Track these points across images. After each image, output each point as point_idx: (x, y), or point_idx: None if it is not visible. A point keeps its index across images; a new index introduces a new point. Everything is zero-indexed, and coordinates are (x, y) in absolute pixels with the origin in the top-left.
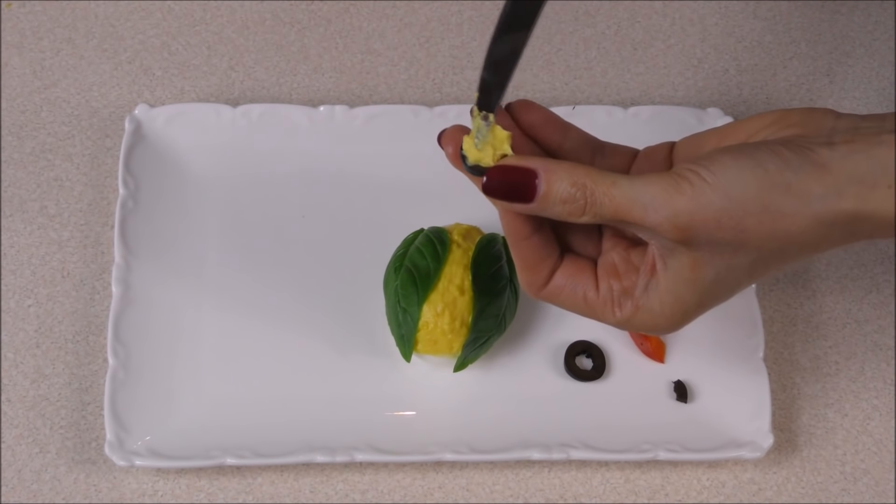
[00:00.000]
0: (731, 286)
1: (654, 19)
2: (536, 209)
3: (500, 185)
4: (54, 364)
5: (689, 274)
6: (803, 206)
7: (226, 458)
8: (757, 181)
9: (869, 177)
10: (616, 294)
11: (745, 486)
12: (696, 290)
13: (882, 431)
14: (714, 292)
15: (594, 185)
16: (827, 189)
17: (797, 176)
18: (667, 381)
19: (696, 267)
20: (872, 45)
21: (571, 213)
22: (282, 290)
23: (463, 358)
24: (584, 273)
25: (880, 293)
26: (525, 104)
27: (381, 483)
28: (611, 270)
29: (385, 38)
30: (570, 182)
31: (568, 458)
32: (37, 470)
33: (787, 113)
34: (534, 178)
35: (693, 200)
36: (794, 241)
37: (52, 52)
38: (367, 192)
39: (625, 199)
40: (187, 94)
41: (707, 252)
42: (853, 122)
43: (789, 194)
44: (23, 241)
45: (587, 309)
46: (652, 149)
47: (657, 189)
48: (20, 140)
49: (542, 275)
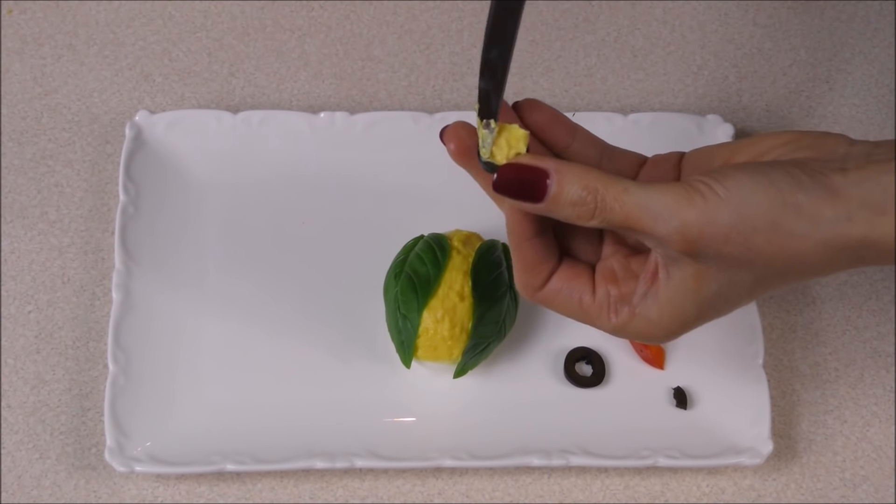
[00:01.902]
0: (732, 301)
1: (654, 26)
2: (545, 210)
3: (511, 183)
4: (54, 370)
5: (692, 285)
6: (813, 228)
7: (226, 464)
8: (769, 200)
9: (880, 203)
10: (613, 300)
11: (745, 493)
12: (697, 302)
13: (881, 438)
14: (715, 305)
15: (605, 190)
16: (838, 214)
17: (809, 198)
18: (666, 387)
19: (700, 279)
20: (872, 53)
21: (580, 216)
22: (282, 296)
23: (463, 364)
24: (581, 277)
25: (879, 300)
26: (532, 103)
27: (381, 489)
28: (609, 276)
29: (385, 45)
30: (581, 185)
31: (567, 464)
32: (37, 476)
33: (802, 135)
34: (545, 178)
35: (704, 214)
36: (800, 263)
37: (53, 59)
38: (367, 199)
39: (635, 206)
40: (188, 101)
41: (712, 266)
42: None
43: (800, 216)
44: (23, 247)
45: (582, 313)
46: (660, 157)
47: (669, 199)
48: (21, 146)
49: (540, 277)
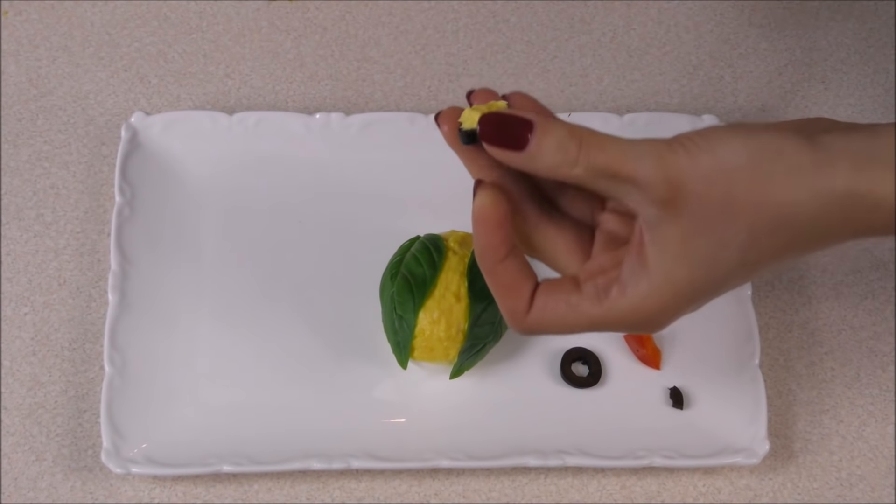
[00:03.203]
0: (724, 270)
1: (650, 26)
2: (528, 158)
3: (494, 131)
4: (51, 372)
5: (679, 247)
6: (795, 172)
7: (222, 466)
8: (750, 147)
9: (864, 153)
10: (601, 287)
11: (741, 493)
12: (688, 266)
13: (877, 437)
14: (708, 274)
15: (589, 136)
16: (820, 159)
17: (790, 145)
18: (662, 387)
19: (686, 239)
20: (867, 52)
21: (563, 162)
22: (278, 297)
23: (459, 365)
24: (564, 284)
25: (875, 299)
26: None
27: (378, 490)
28: (596, 271)
29: (381, 46)
30: (565, 130)
31: (564, 464)
32: (33, 477)
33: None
34: (529, 125)
35: (686, 158)
36: (788, 214)
37: (49, 60)
38: (363, 199)
39: (618, 151)
40: (183, 102)
41: (698, 222)
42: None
43: (781, 159)
44: (19, 249)
45: (570, 311)
46: None
47: (651, 147)
48: (16, 148)
49: (524, 298)
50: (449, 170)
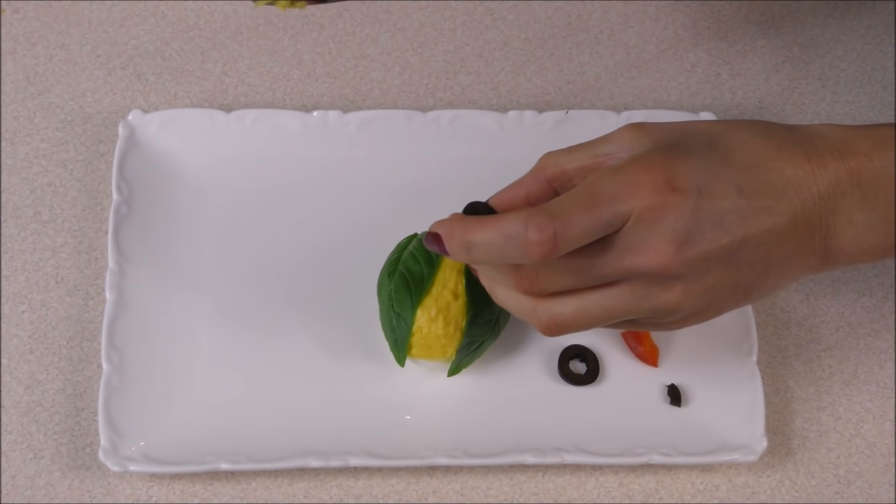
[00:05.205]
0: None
1: (647, 24)
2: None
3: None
4: (48, 370)
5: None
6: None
7: (220, 464)
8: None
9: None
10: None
11: (739, 490)
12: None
13: (875, 434)
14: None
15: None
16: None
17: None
18: (660, 385)
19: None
20: (865, 50)
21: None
22: (275, 294)
23: (457, 362)
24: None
25: (873, 296)
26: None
27: (376, 488)
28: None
29: (378, 43)
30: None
31: (562, 462)
32: (31, 476)
33: None
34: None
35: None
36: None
37: (46, 58)
38: (360, 197)
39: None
40: (181, 100)
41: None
42: None
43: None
44: (17, 247)
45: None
46: None
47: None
48: (14, 146)
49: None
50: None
